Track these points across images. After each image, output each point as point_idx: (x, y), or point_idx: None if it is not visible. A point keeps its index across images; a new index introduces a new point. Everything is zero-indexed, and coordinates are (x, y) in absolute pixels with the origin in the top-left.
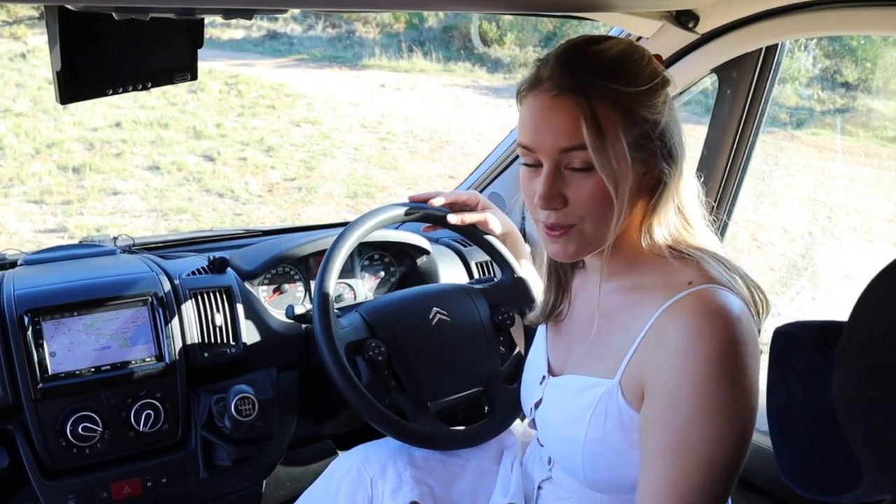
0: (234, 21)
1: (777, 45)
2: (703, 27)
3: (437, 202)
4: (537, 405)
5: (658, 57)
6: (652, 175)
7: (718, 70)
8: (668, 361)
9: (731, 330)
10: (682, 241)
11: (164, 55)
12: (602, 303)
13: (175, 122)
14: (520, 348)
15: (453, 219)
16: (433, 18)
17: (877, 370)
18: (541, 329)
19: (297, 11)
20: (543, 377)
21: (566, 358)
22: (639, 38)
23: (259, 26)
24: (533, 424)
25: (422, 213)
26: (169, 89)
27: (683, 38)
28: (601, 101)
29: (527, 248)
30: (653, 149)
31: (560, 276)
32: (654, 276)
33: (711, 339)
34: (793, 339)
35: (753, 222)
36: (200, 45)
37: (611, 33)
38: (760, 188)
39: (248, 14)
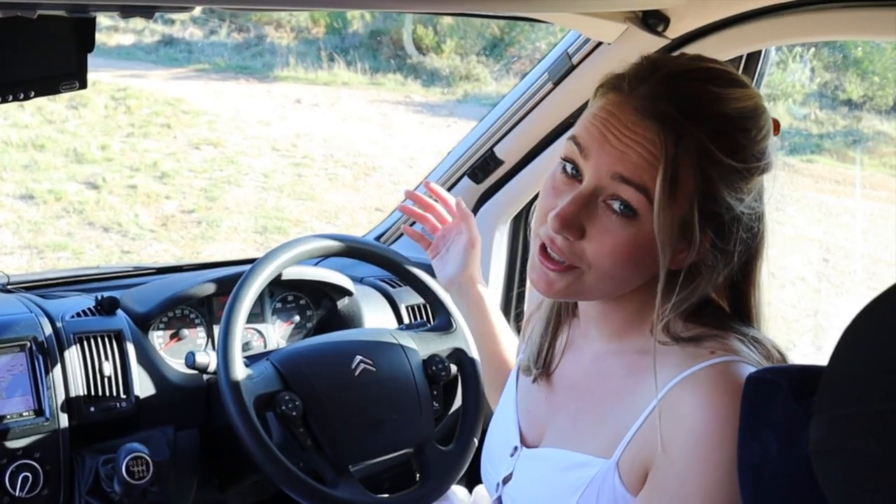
0: (122, 23)
1: (760, 52)
2: (675, 31)
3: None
4: (506, 481)
5: (777, 124)
6: (688, 258)
7: None
8: (681, 444)
9: None
10: (708, 327)
11: (49, 60)
12: (599, 366)
13: (52, 143)
14: (490, 401)
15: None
16: (358, 21)
17: (859, 419)
18: (510, 388)
19: (197, 11)
20: (515, 448)
21: (544, 427)
22: (599, 44)
23: (152, 30)
24: (499, 503)
25: (346, 245)
26: (45, 104)
27: (651, 43)
28: (688, 155)
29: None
30: (708, 233)
31: (560, 319)
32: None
33: (734, 426)
34: (768, 386)
35: None
36: (91, 48)
37: (566, 38)
38: None
39: (148, 12)
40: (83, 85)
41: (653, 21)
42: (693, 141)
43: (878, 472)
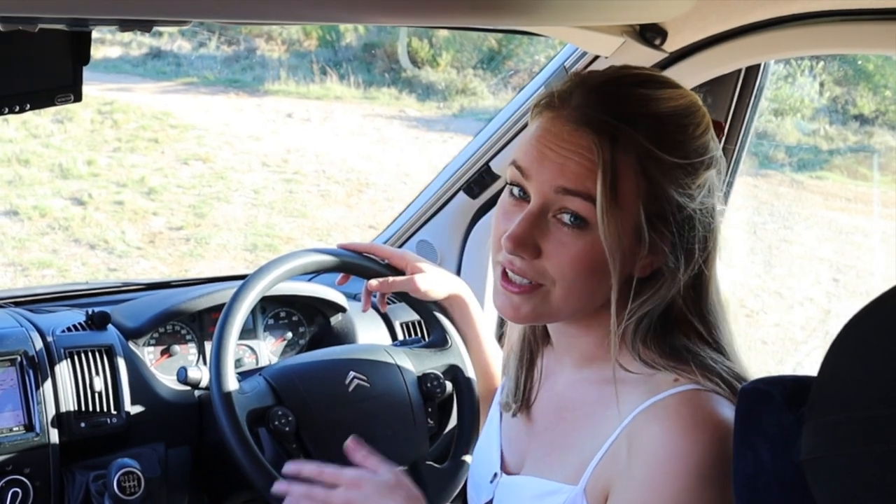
0: (109, 35)
1: (759, 65)
2: (672, 44)
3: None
4: None
5: (718, 124)
6: (652, 262)
7: None
8: (639, 474)
9: (719, 447)
10: (673, 344)
11: (45, 73)
12: (570, 394)
13: (37, 157)
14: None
15: (374, 284)
16: (352, 34)
17: (850, 425)
18: (493, 415)
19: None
20: (495, 475)
21: (523, 454)
22: (596, 57)
23: (140, 42)
24: None
25: (342, 261)
26: (30, 118)
27: (649, 57)
28: (627, 158)
29: (480, 311)
30: (666, 235)
31: (533, 351)
32: (635, 366)
33: (692, 456)
34: (761, 396)
35: (742, 285)
36: (86, 61)
37: (563, 51)
38: (752, 243)
39: (146, 26)
40: (78, 98)
41: (650, 35)
42: (630, 142)
43: (869, 478)
